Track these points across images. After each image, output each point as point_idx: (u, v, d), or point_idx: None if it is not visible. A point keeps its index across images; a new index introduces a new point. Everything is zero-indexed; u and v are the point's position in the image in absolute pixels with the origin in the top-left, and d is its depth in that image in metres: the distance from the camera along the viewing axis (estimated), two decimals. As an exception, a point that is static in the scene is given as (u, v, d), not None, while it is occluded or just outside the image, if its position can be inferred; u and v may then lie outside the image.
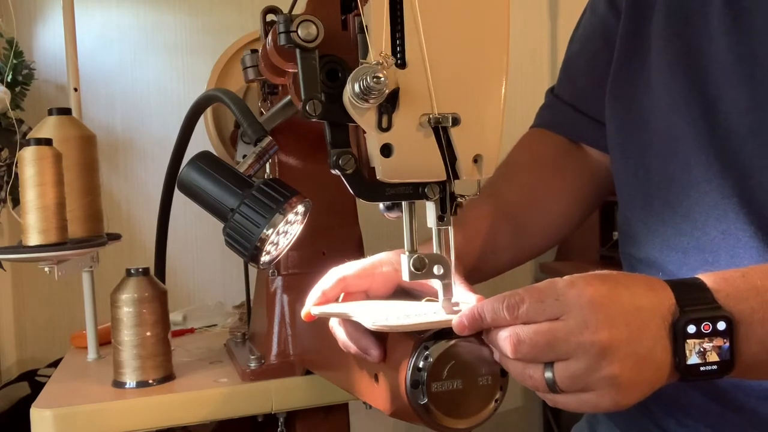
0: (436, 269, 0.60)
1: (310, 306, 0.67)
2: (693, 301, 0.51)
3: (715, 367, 0.51)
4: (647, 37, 0.75)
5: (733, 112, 0.67)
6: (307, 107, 0.56)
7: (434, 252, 0.61)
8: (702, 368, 0.51)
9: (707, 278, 0.53)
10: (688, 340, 0.51)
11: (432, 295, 0.66)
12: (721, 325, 0.51)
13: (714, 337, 0.51)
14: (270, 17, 0.67)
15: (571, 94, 0.89)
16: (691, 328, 0.50)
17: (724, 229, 0.67)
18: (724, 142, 0.67)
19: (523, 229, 0.85)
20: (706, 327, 0.51)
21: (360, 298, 0.69)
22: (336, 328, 0.66)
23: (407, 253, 0.60)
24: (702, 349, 0.51)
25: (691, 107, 0.69)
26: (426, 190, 0.60)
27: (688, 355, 0.51)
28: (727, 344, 0.51)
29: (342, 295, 0.68)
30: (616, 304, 0.50)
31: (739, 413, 0.68)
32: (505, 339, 0.52)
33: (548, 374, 0.51)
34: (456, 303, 0.60)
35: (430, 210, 0.61)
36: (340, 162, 0.58)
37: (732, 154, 0.66)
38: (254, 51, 0.89)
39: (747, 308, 0.51)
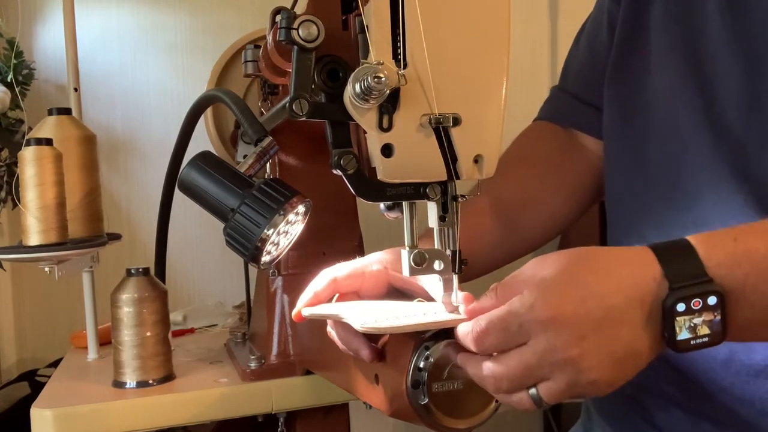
0: (437, 264, 0.60)
1: (301, 307, 0.68)
2: (682, 275, 0.50)
3: (706, 339, 0.50)
4: (646, 25, 0.76)
5: (729, 89, 0.67)
6: (293, 106, 0.56)
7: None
8: (693, 342, 0.50)
9: (698, 243, 0.51)
10: (677, 318, 0.49)
11: (424, 296, 0.66)
12: (712, 300, 0.49)
13: (704, 312, 0.49)
14: (278, 18, 0.68)
15: (574, 85, 0.89)
16: (681, 306, 0.49)
17: (720, 202, 0.67)
18: (720, 119, 0.67)
19: (518, 224, 0.85)
20: (696, 303, 0.49)
21: (352, 299, 0.69)
22: (332, 331, 0.66)
23: (407, 248, 0.60)
24: (692, 325, 0.49)
25: (690, 87, 0.70)
26: (427, 190, 0.60)
27: (678, 331, 0.49)
28: (719, 317, 0.50)
29: (336, 296, 0.68)
30: (580, 317, 0.49)
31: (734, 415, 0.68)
32: (484, 380, 0.52)
33: (533, 392, 0.51)
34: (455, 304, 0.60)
35: (432, 210, 0.61)
36: (341, 162, 0.58)
37: (726, 130, 0.67)
38: (257, 46, 0.89)
39: (740, 274, 0.50)
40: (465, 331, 0.53)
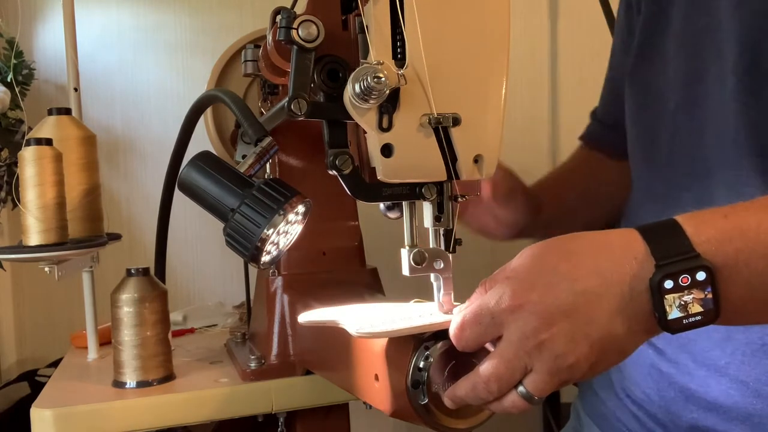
0: (437, 264, 0.60)
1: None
2: (668, 251, 0.49)
3: (699, 317, 0.49)
4: (667, 20, 0.77)
5: (733, 52, 0.67)
6: (292, 106, 0.56)
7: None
8: (685, 321, 0.49)
9: (685, 221, 0.51)
10: (666, 296, 0.48)
11: None
12: (701, 276, 0.48)
13: (694, 289, 0.48)
14: (279, 18, 0.68)
15: (600, 111, 0.97)
16: (669, 284, 0.48)
17: (737, 184, 0.67)
18: (731, 86, 0.68)
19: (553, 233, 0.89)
20: (685, 280, 0.48)
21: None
22: None
23: (408, 247, 0.60)
24: (683, 303, 0.49)
25: (705, 70, 0.71)
26: (423, 190, 0.60)
27: (668, 310, 0.49)
28: (710, 295, 0.49)
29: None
30: (547, 303, 0.49)
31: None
32: (475, 391, 0.52)
33: (521, 389, 0.51)
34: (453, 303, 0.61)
35: (427, 210, 0.61)
36: (336, 162, 0.58)
37: (741, 109, 0.67)
38: (257, 46, 0.90)
39: (731, 250, 0.49)
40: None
